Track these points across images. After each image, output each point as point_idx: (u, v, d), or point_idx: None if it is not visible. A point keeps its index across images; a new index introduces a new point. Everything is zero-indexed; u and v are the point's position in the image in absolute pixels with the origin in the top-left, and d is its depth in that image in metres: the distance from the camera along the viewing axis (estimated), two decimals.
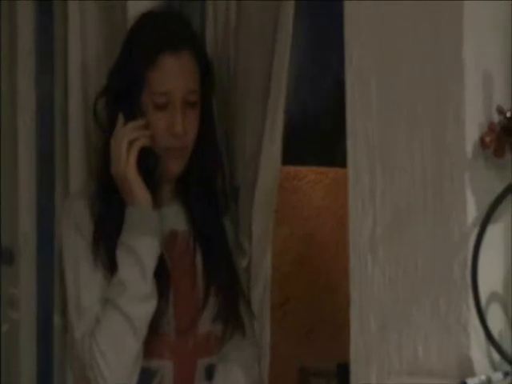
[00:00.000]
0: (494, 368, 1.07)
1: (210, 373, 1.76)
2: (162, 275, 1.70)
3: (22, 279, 2.09)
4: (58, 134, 2.06)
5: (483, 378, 1.04)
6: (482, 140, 1.07)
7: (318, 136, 2.70)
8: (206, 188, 1.79)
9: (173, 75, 1.72)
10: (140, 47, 1.73)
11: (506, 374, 1.06)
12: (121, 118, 1.71)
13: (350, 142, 1.14)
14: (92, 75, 1.98)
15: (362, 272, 1.10)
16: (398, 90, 1.09)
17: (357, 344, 1.09)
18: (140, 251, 1.65)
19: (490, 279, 1.07)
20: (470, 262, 1.05)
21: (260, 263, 1.82)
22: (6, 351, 2.14)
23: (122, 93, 1.72)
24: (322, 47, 2.55)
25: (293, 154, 1.92)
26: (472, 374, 1.04)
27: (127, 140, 1.68)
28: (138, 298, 1.65)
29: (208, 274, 1.75)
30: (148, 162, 1.71)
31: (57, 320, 2.04)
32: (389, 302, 1.08)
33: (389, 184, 1.09)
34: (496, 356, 1.07)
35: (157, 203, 1.72)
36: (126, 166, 1.67)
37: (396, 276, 1.08)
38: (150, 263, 1.66)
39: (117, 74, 1.76)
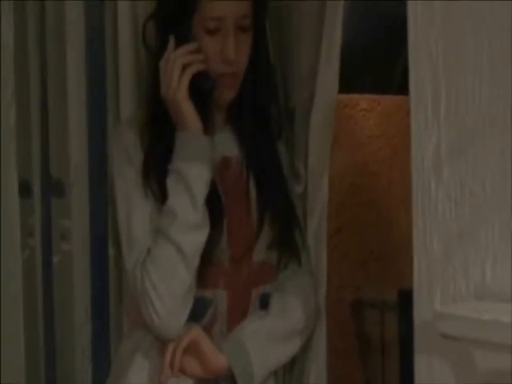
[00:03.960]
0: None
1: (264, 302, 1.74)
2: (215, 203, 1.66)
3: (75, 211, 2.08)
4: (108, 63, 2.03)
5: None
6: None
7: (372, 62, 2.63)
8: (259, 114, 1.75)
9: None
10: None
11: None
12: (172, 41, 1.66)
13: (411, 58, 1.08)
14: (142, 2, 1.94)
15: (426, 194, 1.05)
16: (465, 2, 1.03)
17: (420, 269, 1.05)
18: (190, 178, 1.61)
19: None
20: None
21: (317, 190, 1.76)
22: (58, 283, 2.14)
23: (172, 17, 1.67)
24: None
25: (345, 81, 1.86)
26: None
27: (180, 63, 1.64)
28: (189, 226, 1.61)
29: (262, 201, 1.72)
30: (204, 86, 1.66)
31: (111, 251, 2.03)
32: (454, 224, 1.03)
33: (454, 100, 1.03)
34: None
35: (209, 131, 1.69)
36: (178, 89, 1.63)
37: (462, 198, 1.03)
38: (201, 191, 1.62)
39: None
